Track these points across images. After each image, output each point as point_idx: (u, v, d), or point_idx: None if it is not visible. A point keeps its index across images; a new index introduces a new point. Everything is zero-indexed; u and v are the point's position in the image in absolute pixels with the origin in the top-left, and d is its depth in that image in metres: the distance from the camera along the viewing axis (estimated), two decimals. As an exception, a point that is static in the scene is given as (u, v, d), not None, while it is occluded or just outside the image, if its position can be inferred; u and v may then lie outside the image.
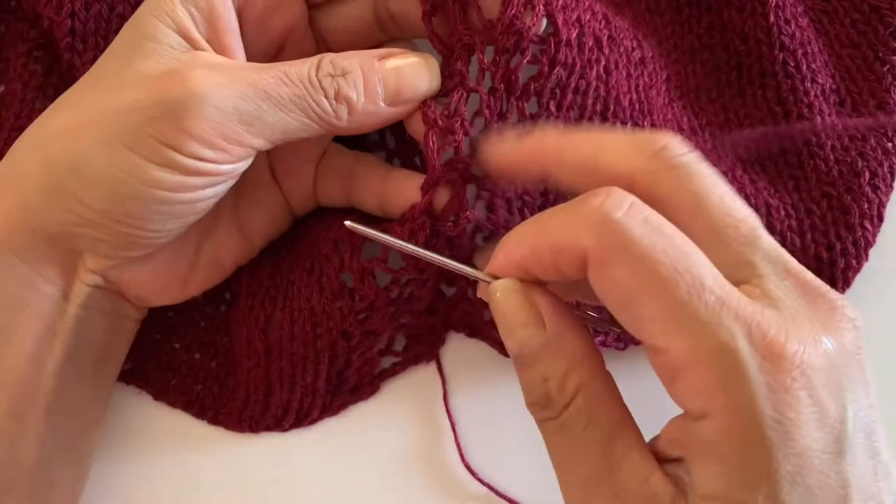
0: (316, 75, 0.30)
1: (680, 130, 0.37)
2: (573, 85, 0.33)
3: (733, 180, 0.37)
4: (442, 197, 0.32)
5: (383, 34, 0.35)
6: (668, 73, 0.39)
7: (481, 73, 0.32)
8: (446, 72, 0.33)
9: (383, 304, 0.34)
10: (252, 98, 0.29)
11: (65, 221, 0.30)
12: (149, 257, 0.33)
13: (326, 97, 0.31)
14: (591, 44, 0.34)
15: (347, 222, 0.31)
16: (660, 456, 0.26)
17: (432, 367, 0.39)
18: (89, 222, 0.30)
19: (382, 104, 0.32)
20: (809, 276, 0.26)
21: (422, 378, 0.39)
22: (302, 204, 0.38)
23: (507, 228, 0.35)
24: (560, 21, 0.32)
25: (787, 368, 0.23)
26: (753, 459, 0.23)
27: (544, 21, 0.32)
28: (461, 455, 0.38)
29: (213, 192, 0.31)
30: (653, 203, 0.25)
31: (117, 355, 0.36)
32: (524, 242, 0.27)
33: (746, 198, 0.37)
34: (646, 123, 0.35)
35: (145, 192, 0.29)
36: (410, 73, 0.32)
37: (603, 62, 0.34)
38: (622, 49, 0.36)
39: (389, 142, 0.40)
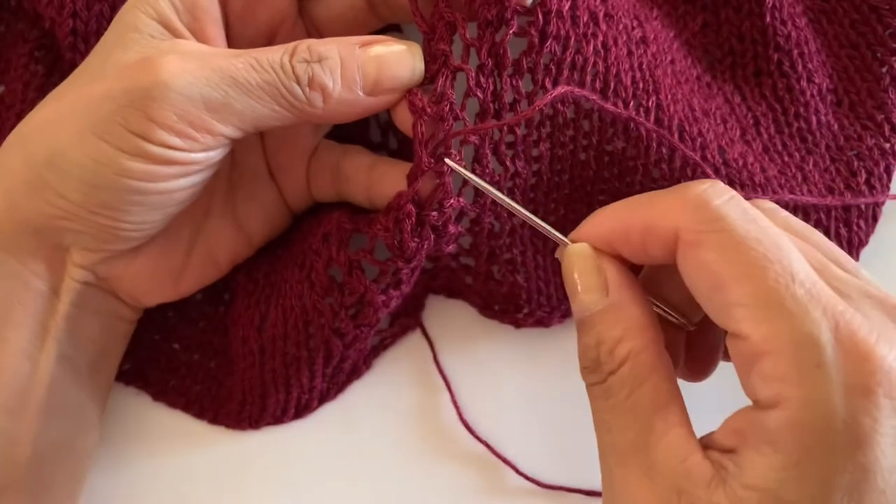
0: (290, 61, 0.29)
1: (691, 111, 0.36)
2: (569, 60, 0.32)
3: (744, 167, 0.37)
4: (426, 185, 0.31)
5: (377, 20, 0.34)
6: (672, 57, 0.38)
7: (466, 51, 0.31)
8: (429, 55, 0.31)
9: (373, 296, 0.34)
10: (219, 84, 0.29)
11: (48, 214, 0.30)
12: (138, 252, 0.33)
13: (299, 84, 0.29)
14: (585, 18, 0.32)
15: (447, 160, 0.30)
16: (710, 445, 0.25)
17: (417, 332, 0.39)
18: (70, 215, 0.30)
19: (361, 93, 0.30)
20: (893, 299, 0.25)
21: (408, 345, 0.39)
22: (298, 200, 0.38)
23: (494, 211, 0.35)
24: None
25: (870, 371, 0.22)
26: (813, 459, 0.22)
27: None
28: (459, 414, 0.38)
29: (188, 182, 0.31)
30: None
31: (113, 357, 0.36)
32: (616, 215, 0.29)
33: (755, 188, 0.36)
34: (651, 103, 0.34)
35: (118, 182, 0.29)
36: (392, 61, 0.31)
37: (600, 37, 0.32)
38: (621, 27, 0.34)
39: (392, 142, 0.40)
